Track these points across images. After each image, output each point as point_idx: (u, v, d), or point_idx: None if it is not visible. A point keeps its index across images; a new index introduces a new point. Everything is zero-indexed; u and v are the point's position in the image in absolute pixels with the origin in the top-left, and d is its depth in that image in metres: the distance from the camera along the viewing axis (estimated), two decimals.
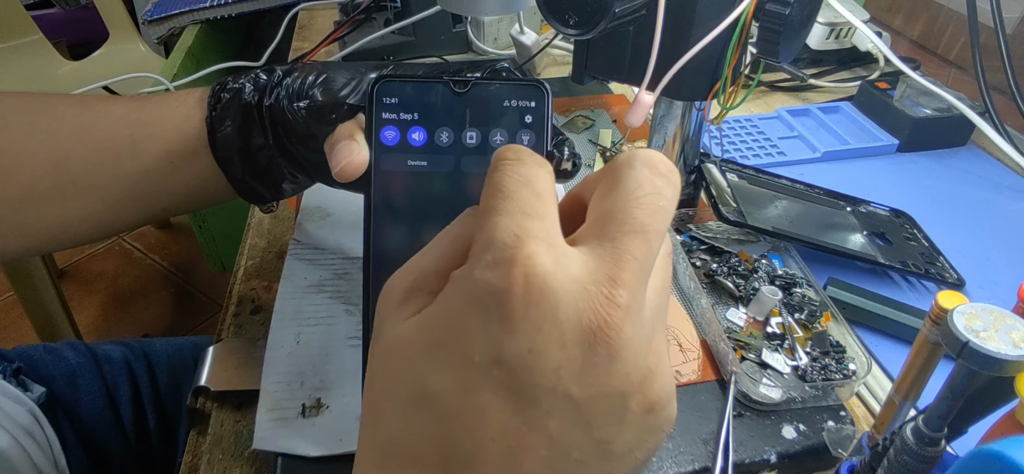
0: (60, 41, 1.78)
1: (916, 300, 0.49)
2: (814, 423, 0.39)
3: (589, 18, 0.41)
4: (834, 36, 0.79)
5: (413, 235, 0.33)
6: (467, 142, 0.33)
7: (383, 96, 0.33)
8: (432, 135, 0.33)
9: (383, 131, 0.33)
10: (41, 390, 0.51)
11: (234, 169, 0.40)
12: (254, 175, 0.41)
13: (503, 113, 0.33)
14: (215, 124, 0.39)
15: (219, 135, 0.39)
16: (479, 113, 0.33)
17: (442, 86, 0.33)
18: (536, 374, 0.18)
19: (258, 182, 0.42)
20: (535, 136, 0.33)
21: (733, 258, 0.49)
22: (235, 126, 0.39)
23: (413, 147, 0.33)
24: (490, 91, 0.33)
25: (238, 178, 0.41)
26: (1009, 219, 0.59)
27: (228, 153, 0.40)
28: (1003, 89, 0.63)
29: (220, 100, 0.39)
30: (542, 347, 0.18)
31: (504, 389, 0.18)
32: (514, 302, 0.18)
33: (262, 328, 0.47)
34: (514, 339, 0.18)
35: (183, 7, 1.03)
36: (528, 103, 0.33)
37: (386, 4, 0.81)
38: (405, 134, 0.33)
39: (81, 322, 1.41)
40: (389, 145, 0.33)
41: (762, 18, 0.41)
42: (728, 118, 0.70)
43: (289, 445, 0.36)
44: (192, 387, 0.42)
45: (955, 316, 0.25)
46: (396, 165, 0.33)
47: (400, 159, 0.33)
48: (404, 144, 0.33)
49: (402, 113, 0.33)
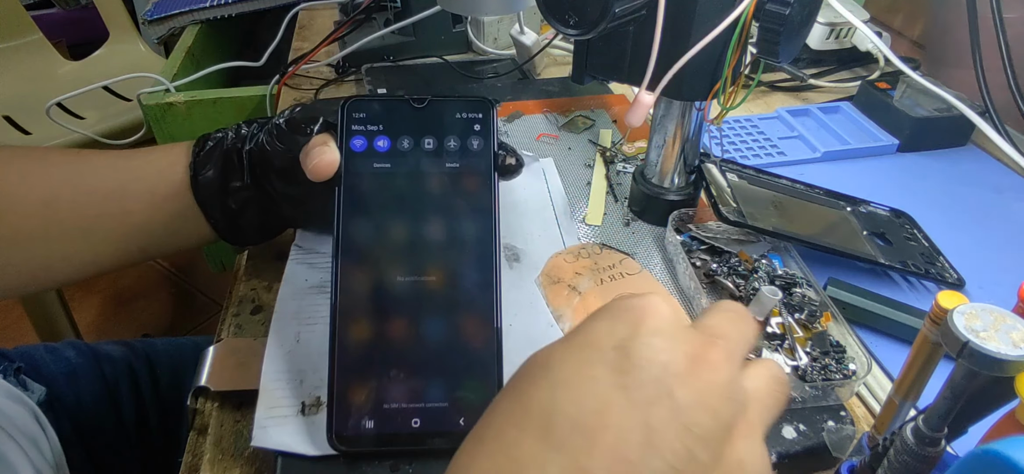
0: (60, 41, 1.78)
1: (916, 300, 0.49)
2: (814, 423, 0.39)
3: (589, 18, 0.42)
4: (834, 36, 0.79)
5: (378, 227, 0.37)
6: (425, 147, 0.38)
7: (353, 112, 0.39)
8: (395, 142, 0.39)
9: (353, 140, 0.38)
10: (42, 390, 0.51)
11: (213, 210, 0.44)
12: (231, 217, 0.45)
13: (455, 123, 0.39)
14: (198, 168, 0.43)
15: (201, 178, 0.43)
16: (435, 123, 0.39)
17: (403, 102, 0.39)
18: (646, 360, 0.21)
19: (234, 224, 0.45)
20: (483, 141, 0.39)
21: (733, 258, 0.49)
22: (216, 170, 0.43)
23: (378, 152, 0.38)
24: (444, 105, 0.39)
25: (216, 219, 0.44)
26: (1009, 219, 0.59)
27: (209, 195, 0.43)
28: (1003, 89, 0.63)
29: (204, 147, 0.44)
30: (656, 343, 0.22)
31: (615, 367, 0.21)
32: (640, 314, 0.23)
33: (262, 328, 0.47)
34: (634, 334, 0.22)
35: (183, 7, 1.03)
36: (476, 114, 0.39)
37: (386, 4, 0.81)
38: (372, 142, 0.38)
39: (81, 322, 1.41)
40: (358, 150, 0.38)
41: (762, 18, 0.41)
42: (728, 118, 0.70)
43: (288, 443, 0.36)
44: (192, 387, 0.42)
45: (955, 316, 0.25)
46: (364, 167, 0.38)
47: (367, 162, 0.38)
48: (370, 150, 0.38)
49: (369, 125, 0.39)
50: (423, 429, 0.34)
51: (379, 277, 0.36)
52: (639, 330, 0.22)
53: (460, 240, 0.37)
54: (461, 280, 0.36)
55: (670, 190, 0.54)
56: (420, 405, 0.35)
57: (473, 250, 0.37)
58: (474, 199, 0.38)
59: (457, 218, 0.37)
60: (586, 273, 0.50)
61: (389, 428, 0.34)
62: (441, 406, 0.35)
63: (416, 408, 0.35)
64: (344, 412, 0.35)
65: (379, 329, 0.36)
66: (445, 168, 0.38)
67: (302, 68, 0.82)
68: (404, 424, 0.34)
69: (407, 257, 0.36)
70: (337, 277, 0.36)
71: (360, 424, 0.34)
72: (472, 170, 0.38)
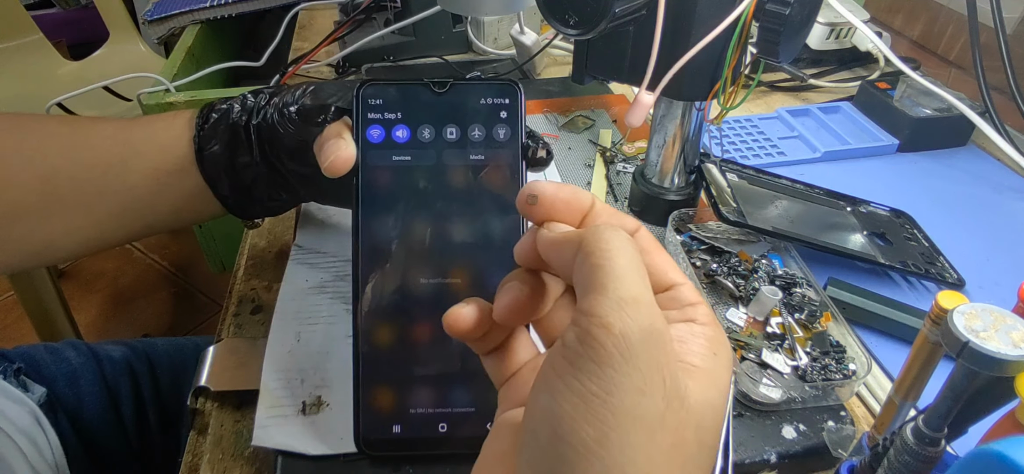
0: (60, 41, 1.78)
1: (916, 300, 0.49)
2: (814, 423, 0.39)
3: (589, 18, 0.41)
4: (834, 36, 0.79)
5: (399, 225, 0.35)
6: (448, 137, 0.35)
7: (368, 98, 0.36)
8: (415, 132, 0.35)
9: (369, 130, 0.36)
10: (42, 390, 0.51)
11: (221, 187, 0.42)
12: (240, 192, 0.42)
13: (480, 110, 0.35)
14: (203, 143, 0.41)
15: (206, 154, 0.41)
16: (458, 111, 0.36)
17: (423, 87, 0.36)
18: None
19: (244, 199, 0.43)
20: (510, 130, 0.35)
21: (733, 258, 0.49)
22: (223, 145, 0.41)
23: (397, 144, 0.35)
24: (467, 90, 0.36)
25: (225, 195, 0.42)
26: (1009, 219, 0.59)
27: (215, 171, 0.41)
28: (1003, 89, 0.63)
29: (208, 120, 0.41)
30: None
31: None
32: None
33: (262, 328, 0.47)
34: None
35: (183, 7, 1.03)
36: (503, 100, 0.35)
37: (386, 4, 0.81)
38: (389, 132, 0.36)
39: (81, 322, 1.41)
40: (375, 142, 0.35)
41: (762, 18, 0.41)
42: (728, 118, 0.70)
43: (288, 442, 0.36)
44: (192, 387, 0.42)
45: (955, 316, 0.25)
46: (382, 160, 0.35)
47: (385, 155, 0.35)
48: (389, 141, 0.35)
49: (386, 113, 0.36)
50: (450, 433, 0.34)
51: (402, 278, 0.35)
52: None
53: (486, 239, 0.35)
54: (487, 281, 0.35)
55: (670, 190, 0.54)
56: (447, 410, 0.34)
57: (500, 249, 0.35)
58: (501, 194, 0.35)
59: (483, 215, 0.35)
60: None
61: (416, 432, 0.34)
62: (468, 411, 0.34)
63: (443, 413, 0.34)
64: (371, 416, 0.34)
65: (404, 332, 0.35)
66: (469, 160, 0.35)
67: (302, 68, 0.82)
68: (431, 428, 0.34)
69: (430, 257, 0.35)
70: (359, 278, 0.35)
71: (388, 428, 0.34)
72: (499, 162, 0.35)
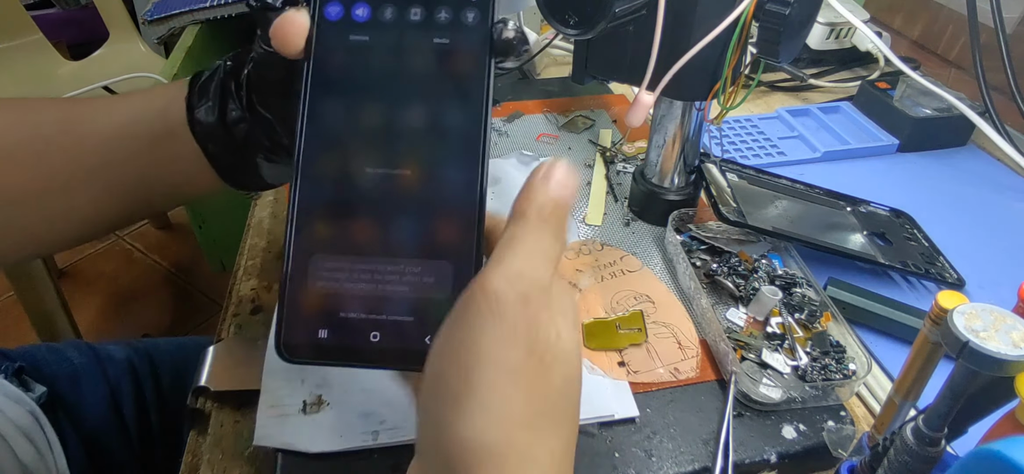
0: (60, 41, 1.78)
1: (916, 300, 0.49)
2: (814, 423, 0.39)
3: (589, 18, 0.41)
4: (834, 36, 0.79)
5: (348, 110, 0.32)
6: (411, 18, 0.33)
7: None
8: (376, 10, 0.33)
9: (327, 7, 0.33)
10: (42, 390, 0.51)
11: (212, 146, 0.40)
12: (232, 151, 0.40)
13: None
14: (194, 101, 0.39)
15: (197, 112, 0.39)
16: None
17: None
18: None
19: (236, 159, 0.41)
20: (479, 13, 0.32)
21: (733, 258, 0.49)
22: (214, 102, 0.39)
23: (356, 22, 0.33)
24: None
25: (216, 156, 0.40)
26: (1009, 219, 0.59)
27: (206, 130, 0.39)
28: (1003, 89, 0.63)
29: (199, 79, 0.40)
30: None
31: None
32: None
33: (262, 328, 0.47)
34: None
35: (183, 7, 1.03)
36: None
37: None
38: (349, 9, 0.33)
39: (81, 322, 1.41)
40: (332, 19, 0.33)
41: (762, 18, 0.41)
42: (728, 118, 0.70)
43: (289, 441, 0.36)
44: (192, 387, 0.42)
45: (955, 316, 0.25)
46: (337, 39, 0.33)
47: (342, 34, 0.33)
48: (347, 19, 0.33)
49: None
50: (382, 344, 0.30)
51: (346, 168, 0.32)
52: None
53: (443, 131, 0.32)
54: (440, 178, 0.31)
55: (670, 190, 0.54)
56: (381, 317, 0.31)
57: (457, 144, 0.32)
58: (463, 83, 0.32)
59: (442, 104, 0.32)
60: (587, 270, 0.50)
61: (345, 340, 0.31)
62: (405, 320, 0.31)
63: (376, 319, 0.31)
64: (295, 319, 0.31)
65: (342, 228, 0.31)
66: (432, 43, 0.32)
67: None
68: (362, 337, 0.30)
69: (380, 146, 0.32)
70: (299, 165, 0.32)
71: (313, 332, 0.31)
72: (464, 47, 0.32)
